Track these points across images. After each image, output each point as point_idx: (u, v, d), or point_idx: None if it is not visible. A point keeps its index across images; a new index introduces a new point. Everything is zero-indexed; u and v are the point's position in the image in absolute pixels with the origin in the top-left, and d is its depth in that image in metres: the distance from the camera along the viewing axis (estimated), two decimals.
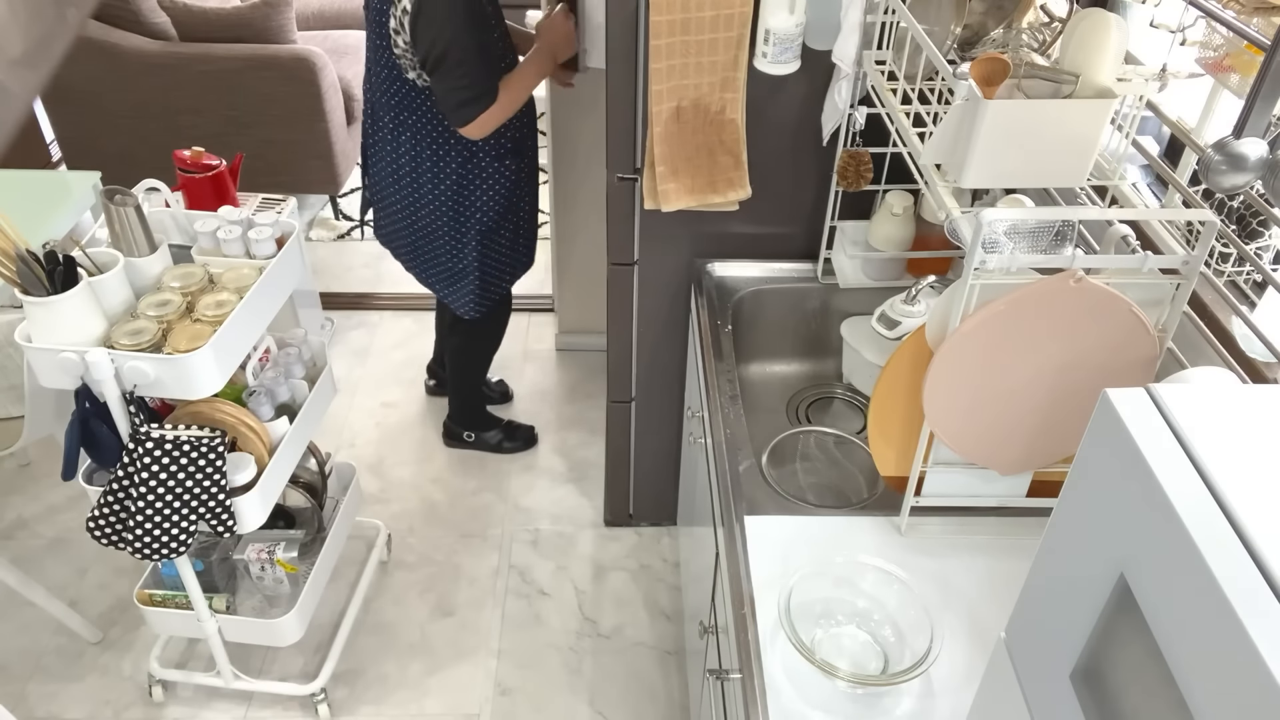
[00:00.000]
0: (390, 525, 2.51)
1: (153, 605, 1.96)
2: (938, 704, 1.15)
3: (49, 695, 2.14)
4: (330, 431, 2.83)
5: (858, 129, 1.67)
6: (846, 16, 1.56)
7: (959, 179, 1.24)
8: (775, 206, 1.89)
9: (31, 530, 2.53)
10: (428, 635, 2.29)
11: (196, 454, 1.60)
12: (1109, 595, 0.67)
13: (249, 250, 1.76)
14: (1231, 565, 0.56)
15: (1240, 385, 1.18)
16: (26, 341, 1.54)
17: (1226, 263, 1.38)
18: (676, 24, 1.61)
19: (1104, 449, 0.69)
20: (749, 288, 1.89)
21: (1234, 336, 1.29)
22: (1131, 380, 1.18)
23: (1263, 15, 1.24)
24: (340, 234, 3.80)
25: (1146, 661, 0.62)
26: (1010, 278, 1.14)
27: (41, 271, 1.49)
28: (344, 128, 3.62)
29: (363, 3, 1.99)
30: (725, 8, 1.60)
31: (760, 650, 1.20)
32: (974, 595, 1.28)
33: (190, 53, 3.32)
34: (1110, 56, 1.18)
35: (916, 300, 1.60)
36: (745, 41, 1.64)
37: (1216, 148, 1.13)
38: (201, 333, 1.57)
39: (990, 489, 1.36)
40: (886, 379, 1.34)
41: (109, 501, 1.64)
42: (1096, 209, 1.24)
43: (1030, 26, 1.48)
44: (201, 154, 1.89)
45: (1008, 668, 0.85)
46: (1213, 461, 0.62)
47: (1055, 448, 1.27)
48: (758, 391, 1.85)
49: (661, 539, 2.54)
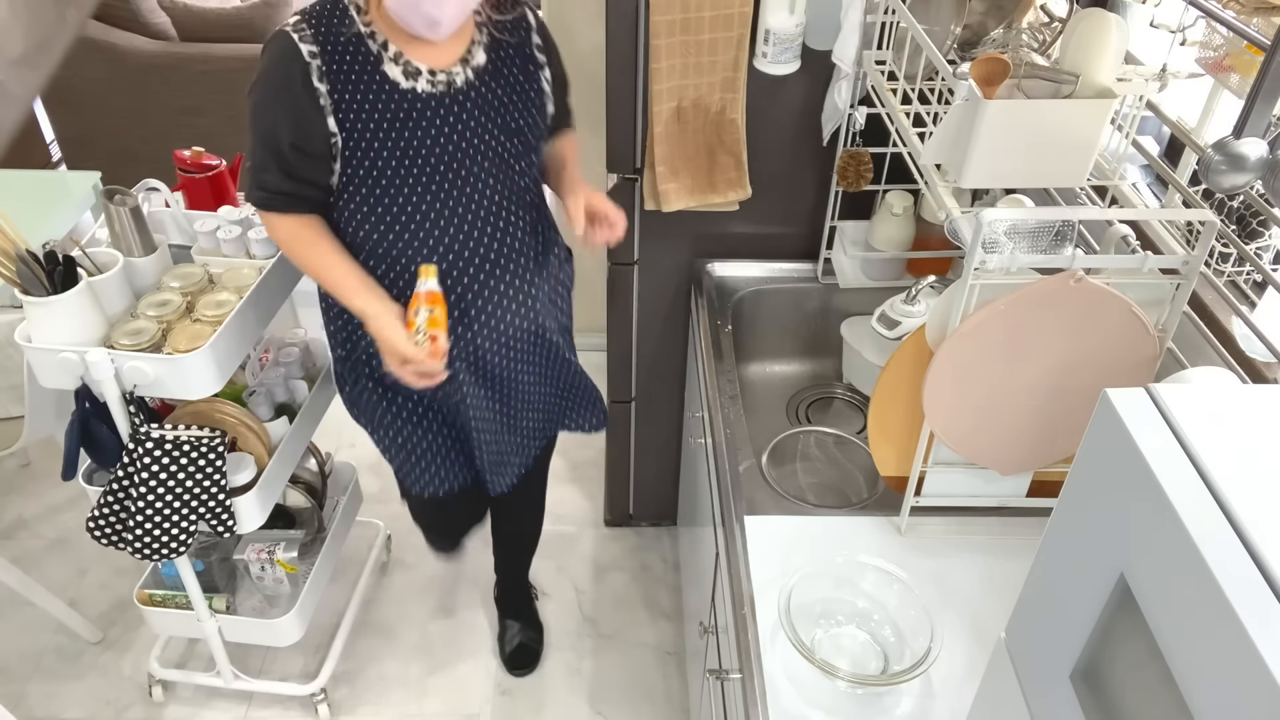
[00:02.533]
0: (390, 525, 2.51)
1: (153, 605, 1.96)
2: (938, 704, 1.15)
3: (49, 695, 2.14)
4: (330, 431, 2.82)
5: (858, 129, 1.67)
6: (846, 16, 1.56)
7: (959, 179, 1.24)
8: (775, 206, 1.89)
9: (31, 530, 2.53)
10: (428, 635, 2.29)
11: (196, 454, 1.60)
12: (1109, 595, 0.67)
13: (249, 250, 1.76)
14: (1231, 565, 0.56)
15: (1240, 385, 1.18)
16: (26, 341, 1.54)
17: (1226, 263, 1.38)
18: (676, 24, 1.61)
19: (1104, 449, 0.69)
20: (749, 288, 1.89)
21: (1234, 336, 1.29)
22: (1131, 380, 1.18)
23: (1263, 15, 1.24)
24: None
25: (1146, 661, 0.62)
26: (1010, 278, 1.13)
27: (41, 271, 1.49)
28: None
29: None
30: (725, 8, 1.60)
31: (760, 650, 1.20)
32: (974, 595, 1.28)
33: (190, 53, 3.32)
34: (1110, 56, 1.18)
35: (916, 300, 1.60)
36: (745, 41, 1.65)
37: (1216, 148, 1.13)
38: (201, 333, 1.57)
39: (990, 489, 1.36)
40: (886, 379, 1.34)
41: (109, 501, 1.64)
42: (1096, 209, 1.24)
43: (1030, 26, 1.48)
44: (201, 154, 1.89)
45: (1008, 668, 0.85)
46: (1213, 461, 0.62)
47: (1055, 448, 1.27)
48: (758, 391, 1.85)
49: (661, 539, 2.53)
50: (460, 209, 1.47)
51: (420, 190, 1.43)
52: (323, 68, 1.34)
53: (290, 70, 1.33)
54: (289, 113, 1.35)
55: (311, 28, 1.34)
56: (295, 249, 1.49)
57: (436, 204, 1.45)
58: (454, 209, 1.46)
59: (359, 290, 1.46)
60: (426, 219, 1.46)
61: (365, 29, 1.36)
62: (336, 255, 1.48)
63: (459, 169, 1.44)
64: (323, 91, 1.34)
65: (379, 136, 1.38)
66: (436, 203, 1.45)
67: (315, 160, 1.39)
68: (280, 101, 1.36)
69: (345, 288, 1.47)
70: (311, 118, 1.35)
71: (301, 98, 1.34)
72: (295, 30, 1.33)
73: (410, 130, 1.39)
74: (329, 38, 1.34)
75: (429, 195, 1.44)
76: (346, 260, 1.48)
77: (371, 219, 1.45)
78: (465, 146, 1.43)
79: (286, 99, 1.35)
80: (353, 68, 1.35)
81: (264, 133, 1.38)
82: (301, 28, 1.34)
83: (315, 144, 1.38)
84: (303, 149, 1.38)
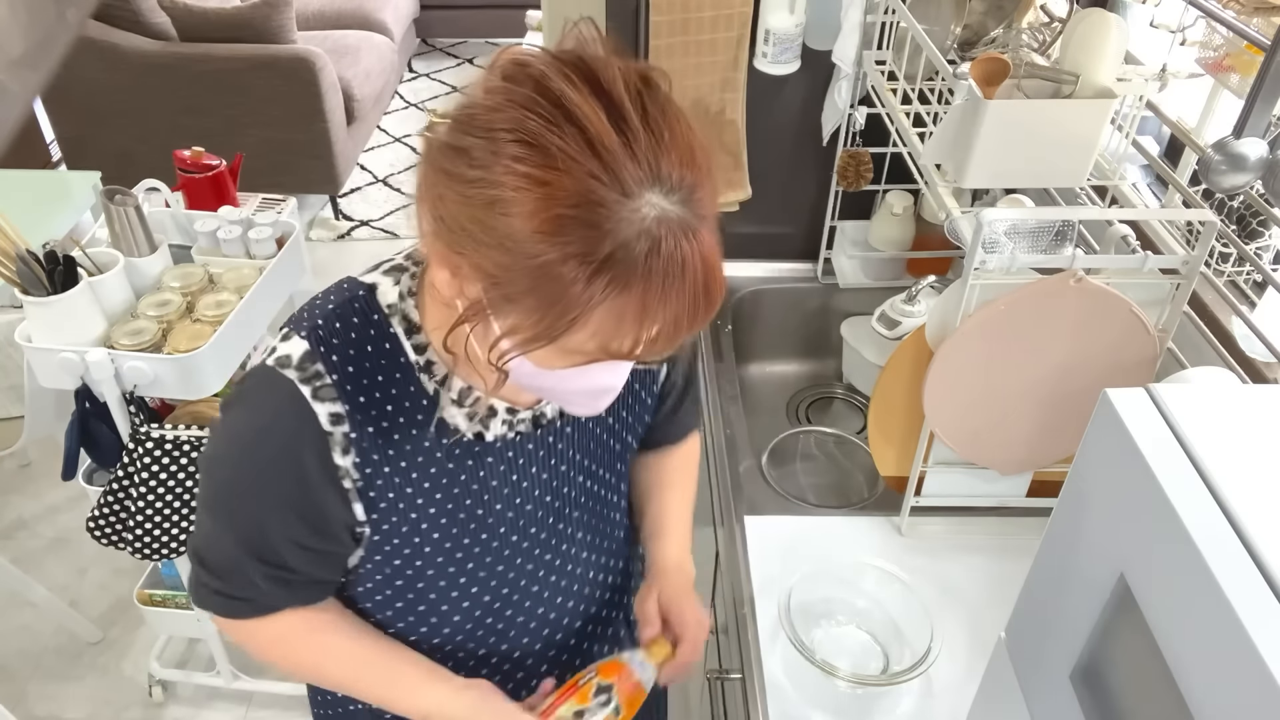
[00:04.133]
0: None
1: (153, 605, 1.96)
2: (938, 704, 1.15)
3: (49, 695, 2.14)
4: None
5: (858, 129, 1.67)
6: (846, 16, 1.56)
7: (959, 179, 1.24)
8: (775, 206, 1.89)
9: (31, 530, 2.53)
10: None
11: (196, 454, 1.60)
12: (1109, 595, 0.67)
13: (249, 250, 1.76)
14: (1231, 565, 0.56)
15: (1240, 385, 1.18)
16: (26, 341, 1.54)
17: (1226, 263, 1.38)
18: (676, 24, 1.61)
19: (1104, 449, 0.69)
20: (749, 288, 1.88)
21: (1234, 336, 1.29)
22: (1131, 380, 1.18)
23: (1263, 15, 1.24)
24: (340, 234, 3.80)
25: (1146, 661, 0.62)
26: (1010, 278, 1.13)
27: (41, 271, 1.49)
28: (344, 128, 3.62)
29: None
30: (725, 8, 1.60)
31: (760, 650, 1.20)
32: (974, 595, 1.28)
33: (190, 53, 3.32)
34: (1110, 56, 1.18)
35: (916, 300, 1.60)
36: (745, 41, 1.64)
37: (1216, 148, 1.13)
38: (201, 333, 1.57)
39: (990, 489, 1.36)
40: (886, 379, 1.34)
41: (109, 501, 1.64)
42: (1096, 209, 1.24)
43: (1030, 26, 1.48)
44: (201, 154, 1.89)
45: (1008, 668, 0.85)
46: (1213, 461, 0.62)
47: (1055, 448, 1.27)
48: (758, 391, 1.85)
49: None
50: (538, 585, 0.99)
51: (484, 562, 0.94)
52: (351, 434, 0.83)
53: (296, 451, 0.82)
54: (293, 508, 0.85)
55: (333, 370, 0.82)
56: (294, 648, 0.96)
57: (509, 576, 0.96)
58: (530, 583, 0.98)
59: (429, 679, 0.94)
60: (496, 599, 0.97)
61: (418, 358, 0.85)
62: (372, 638, 0.96)
63: (539, 527, 0.96)
64: (346, 469, 0.84)
65: (431, 506, 0.89)
66: (509, 574, 0.96)
67: (326, 557, 0.90)
68: (275, 492, 0.84)
69: (403, 683, 0.93)
70: (328, 508, 0.85)
71: (315, 487, 0.84)
72: (306, 380, 0.81)
73: (477, 491, 0.90)
74: (358, 379, 0.83)
75: (498, 567, 0.95)
76: (387, 642, 0.96)
77: (400, 605, 0.95)
78: (550, 498, 0.96)
79: (287, 489, 0.84)
80: (395, 420, 0.84)
81: (243, 532, 0.87)
82: (317, 372, 0.81)
83: (330, 539, 0.88)
84: (310, 547, 0.87)
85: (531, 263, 0.66)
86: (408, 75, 5.04)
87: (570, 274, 0.65)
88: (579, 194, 0.64)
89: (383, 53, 4.10)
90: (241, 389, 0.86)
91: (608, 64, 0.67)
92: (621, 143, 0.65)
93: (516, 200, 0.65)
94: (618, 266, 0.65)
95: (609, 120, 0.65)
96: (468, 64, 5.19)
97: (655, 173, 0.66)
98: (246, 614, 0.93)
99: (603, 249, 0.65)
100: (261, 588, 0.89)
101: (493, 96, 0.67)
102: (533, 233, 0.65)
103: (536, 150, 0.64)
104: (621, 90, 0.66)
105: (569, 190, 0.64)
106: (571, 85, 0.65)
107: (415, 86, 4.93)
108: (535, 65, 0.67)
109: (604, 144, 0.64)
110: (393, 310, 0.85)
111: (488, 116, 0.67)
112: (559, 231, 0.65)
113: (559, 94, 0.65)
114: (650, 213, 0.65)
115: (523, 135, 0.64)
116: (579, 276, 0.65)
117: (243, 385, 0.86)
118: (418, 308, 0.85)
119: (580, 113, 0.64)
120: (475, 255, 0.69)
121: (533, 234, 0.65)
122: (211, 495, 0.89)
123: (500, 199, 0.65)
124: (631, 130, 0.65)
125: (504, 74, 0.68)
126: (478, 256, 0.69)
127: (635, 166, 0.65)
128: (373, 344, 0.84)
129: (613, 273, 0.65)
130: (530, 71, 0.67)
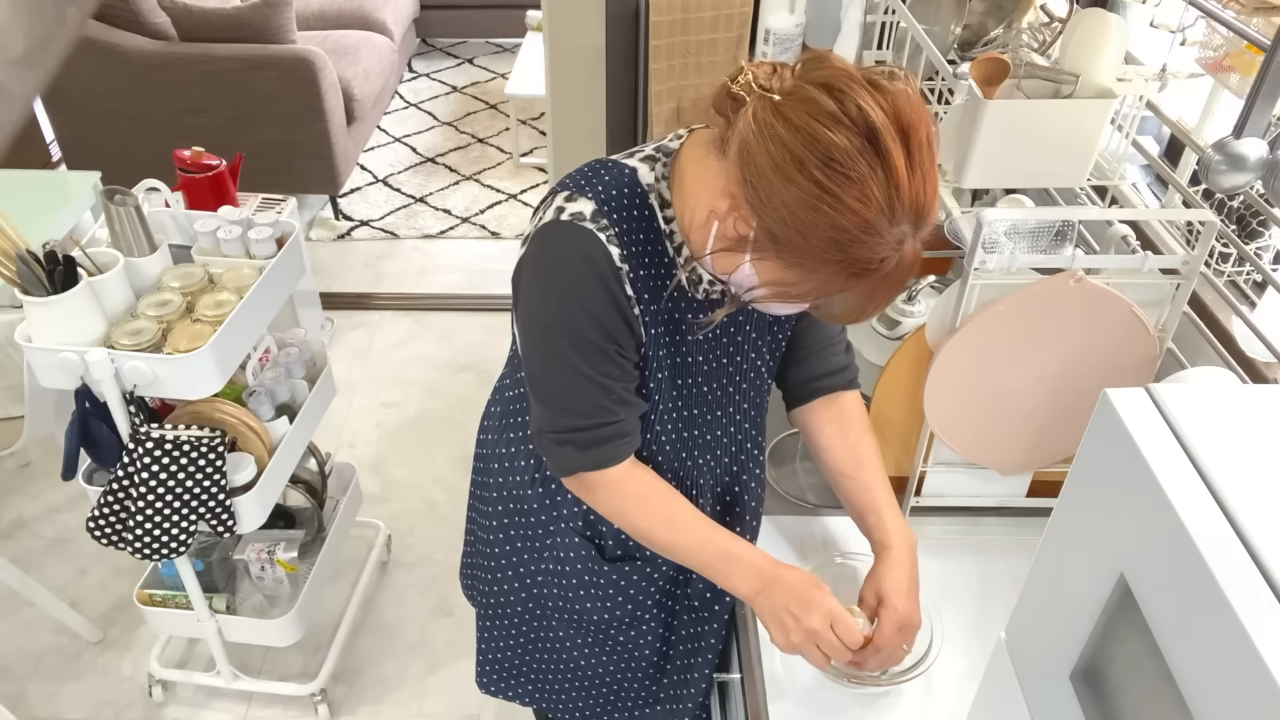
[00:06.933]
0: (390, 525, 2.51)
1: (153, 605, 1.96)
2: (938, 704, 1.15)
3: (49, 695, 2.14)
4: (330, 431, 2.83)
5: None
6: (846, 16, 1.56)
7: (959, 179, 1.24)
8: None
9: (31, 530, 2.53)
10: (428, 635, 2.28)
11: (196, 454, 1.60)
12: (1109, 595, 0.67)
13: (249, 250, 1.76)
14: (1231, 565, 0.56)
15: (1240, 385, 1.18)
16: (26, 341, 1.54)
17: (1226, 263, 1.38)
18: (677, 24, 1.61)
19: (1104, 449, 0.69)
20: None
21: (1234, 336, 1.29)
22: (1131, 380, 1.18)
23: (1263, 15, 1.24)
24: (340, 234, 3.81)
25: (1146, 661, 0.62)
26: (1010, 278, 1.13)
27: (41, 271, 1.49)
28: (344, 128, 3.62)
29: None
30: (725, 8, 1.60)
31: (760, 650, 1.20)
32: (974, 595, 1.28)
33: (190, 53, 3.32)
34: (1110, 56, 1.18)
35: (916, 300, 1.60)
36: (745, 41, 1.65)
37: (1216, 148, 1.13)
38: (201, 333, 1.57)
39: (990, 489, 1.36)
40: (886, 379, 1.34)
41: (109, 501, 1.64)
42: (1096, 209, 1.24)
43: (1030, 26, 1.48)
44: (201, 154, 1.89)
45: (1008, 668, 0.85)
46: (1213, 461, 0.62)
47: (1055, 448, 1.27)
48: None
49: None
50: (710, 433, 1.20)
51: (686, 416, 1.16)
52: (629, 274, 1.02)
53: (608, 280, 1.01)
54: (617, 328, 1.03)
55: (614, 224, 1.01)
56: (653, 506, 1.12)
57: (695, 432, 1.18)
58: (705, 430, 1.19)
59: (760, 554, 1.12)
60: (690, 428, 1.17)
61: (667, 227, 1.04)
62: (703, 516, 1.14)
63: (720, 393, 1.18)
64: (633, 298, 1.03)
65: (662, 344, 1.09)
66: (695, 431, 1.17)
67: (632, 380, 1.08)
68: (604, 318, 1.02)
69: (738, 555, 1.11)
70: (632, 325, 1.05)
71: (624, 308, 1.03)
72: (600, 230, 1.00)
73: (685, 331, 1.10)
74: (631, 234, 1.02)
75: (695, 424, 1.17)
76: None
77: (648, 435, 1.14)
78: (737, 363, 1.18)
79: (611, 312, 1.02)
80: (651, 270, 1.04)
81: (590, 360, 1.04)
82: (604, 225, 1.00)
83: (637, 354, 1.08)
84: (633, 361, 1.07)
85: (815, 254, 0.87)
86: (408, 75, 5.04)
87: (835, 268, 0.87)
88: (872, 225, 0.84)
89: (383, 53, 4.10)
90: (544, 245, 1.03)
91: (922, 122, 0.85)
92: (909, 186, 0.84)
93: (829, 215, 0.84)
94: (870, 275, 0.88)
95: (906, 167, 0.84)
96: (468, 64, 5.19)
97: (918, 214, 0.86)
98: (620, 454, 1.09)
99: (867, 261, 0.86)
100: (618, 414, 1.07)
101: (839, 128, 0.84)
102: (828, 239, 0.85)
103: (854, 184, 0.82)
104: (921, 141, 0.85)
105: (866, 220, 0.83)
106: (891, 138, 0.83)
107: (415, 86, 4.94)
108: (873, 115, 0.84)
109: (898, 186, 0.83)
110: (650, 189, 1.04)
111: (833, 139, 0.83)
112: (850, 244, 0.85)
113: (887, 150, 0.83)
114: (905, 240, 0.87)
115: (846, 169, 0.83)
116: (841, 272, 0.87)
117: (544, 242, 1.03)
118: (670, 190, 1.04)
119: (892, 160, 0.83)
120: (771, 222, 0.88)
121: (827, 239, 0.85)
122: (554, 341, 1.04)
123: (819, 208, 0.84)
124: (914, 177, 0.84)
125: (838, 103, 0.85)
126: (773, 224, 0.87)
127: (904, 209, 0.85)
128: (637, 209, 1.03)
129: (865, 277, 0.88)
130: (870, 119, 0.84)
